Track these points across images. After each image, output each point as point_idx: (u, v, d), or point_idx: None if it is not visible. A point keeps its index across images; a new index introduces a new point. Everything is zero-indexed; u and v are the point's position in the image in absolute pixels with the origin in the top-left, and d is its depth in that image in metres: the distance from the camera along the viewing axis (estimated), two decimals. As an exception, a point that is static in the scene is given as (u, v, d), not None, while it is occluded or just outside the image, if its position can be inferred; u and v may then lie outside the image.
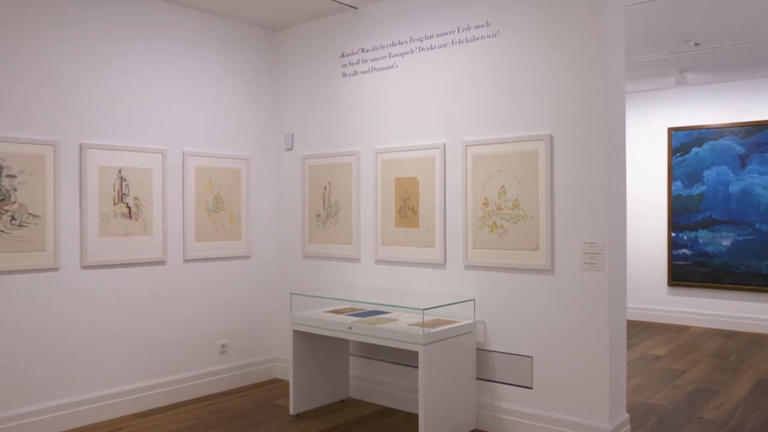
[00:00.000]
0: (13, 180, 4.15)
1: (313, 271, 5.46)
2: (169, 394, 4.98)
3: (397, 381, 4.87)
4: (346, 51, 5.21)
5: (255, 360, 5.62)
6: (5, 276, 4.14)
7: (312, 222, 5.45)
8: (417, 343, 3.93)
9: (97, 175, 4.55)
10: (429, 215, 4.66)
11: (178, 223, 5.04)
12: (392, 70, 4.91)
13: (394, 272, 4.89)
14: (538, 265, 4.11)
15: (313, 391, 4.82)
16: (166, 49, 4.98)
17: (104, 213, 4.59)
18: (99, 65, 4.59)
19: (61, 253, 4.39)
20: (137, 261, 4.78)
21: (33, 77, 4.26)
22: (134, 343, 4.79)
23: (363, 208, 5.08)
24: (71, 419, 4.42)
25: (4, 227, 4.11)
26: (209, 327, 5.28)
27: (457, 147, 4.52)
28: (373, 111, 5.03)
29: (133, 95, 4.78)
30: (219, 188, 5.30)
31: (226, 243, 5.36)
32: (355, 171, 5.12)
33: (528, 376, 4.18)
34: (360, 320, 4.37)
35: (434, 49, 4.66)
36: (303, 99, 5.55)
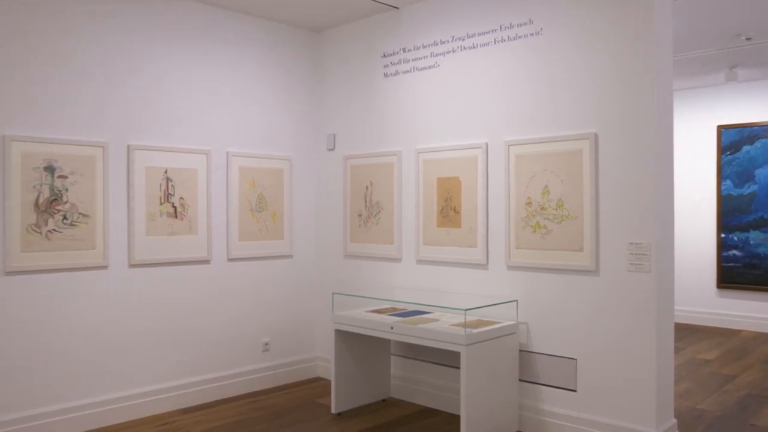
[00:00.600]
0: (65, 180, 4.27)
1: (354, 271, 5.48)
2: (214, 391, 5.06)
3: (438, 381, 4.86)
4: (388, 51, 5.22)
5: (297, 359, 5.67)
6: (58, 273, 4.26)
7: (353, 222, 5.47)
8: (459, 344, 3.91)
9: (144, 175, 4.65)
10: (471, 215, 4.63)
11: (222, 223, 5.12)
12: (434, 70, 4.90)
13: (436, 272, 4.87)
14: (582, 266, 4.04)
15: (355, 390, 4.83)
16: (211, 51, 5.06)
17: (151, 213, 4.69)
18: (145, 68, 4.69)
19: (110, 252, 4.50)
20: (182, 260, 4.87)
21: (84, 81, 4.37)
22: (180, 340, 4.89)
23: (404, 207, 5.08)
24: (122, 413, 4.53)
25: (57, 226, 4.24)
26: (252, 325, 5.35)
27: (499, 146, 4.48)
28: (415, 111, 5.03)
29: (179, 97, 4.87)
30: (262, 188, 5.37)
31: (269, 242, 5.42)
32: (396, 171, 5.12)
33: (572, 378, 4.12)
34: (402, 320, 4.37)
35: (476, 48, 4.63)
36: (345, 99, 5.57)
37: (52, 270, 4.23)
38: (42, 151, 4.17)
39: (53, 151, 4.22)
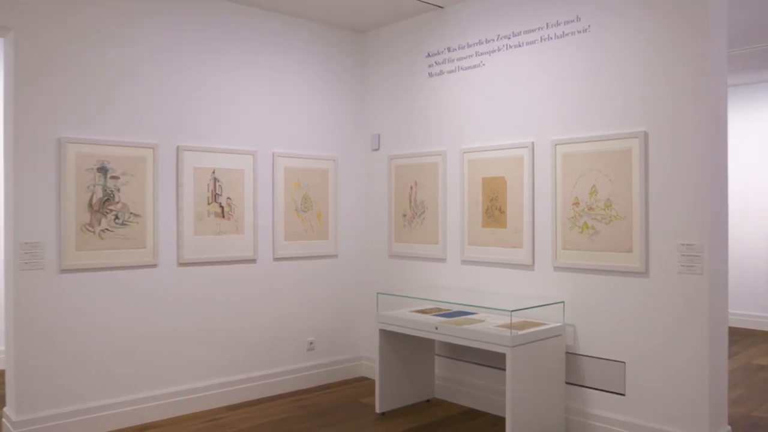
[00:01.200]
0: (117, 181, 4.38)
1: (398, 271, 5.48)
2: (260, 389, 5.13)
3: (483, 382, 4.82)
4: (432, 51, 5.20)
5: (341, 358, 5.70)
6: (110, 271, 4.38)
7: (398, 222, 5.47)
8: (505, 345, 3.87)
9: (192, 175, 4.74)
10: (517, 215, 4.58)
11: (268, 223, 5.18)
12: (479, 69, 4.86)
13: (481, 273, 4.84)
14: (631, 268, 3.96)
15: (399, 390, 4.83)
16: (256, 53, 5.12)
17: (199, 212, 4.77)
18: (193, 70, 4.78)
19: (160, 251, 4.60)
20: (229, 259, 4.94)
21: (134, 84, 4.48)
22: (227, 338, 4.97)
23: (449, 207, 5.06)
24: (169, 409, 4.63)
25: (109, 226, 4.35)
26: (297, 324, 5.40)
27: (546, 146, 4.42)
28: (460, 110, 5.00)
29: (226, 98, 4.95)
30: (307, 188, 5.41)
31: (314, 242, 5.46)
32: (441, 171, 5.10)
33: (620, 382, 4.04)
34: (446, 320, 4.35)
35: (522, 46, 4.58)
36: (389, 99, 5.58)
37: (104, 268, 4.35)
38: (95, 152, 4.29)
39: (106, 153, 4.33)
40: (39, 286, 4.10)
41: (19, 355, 4.05)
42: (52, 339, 4.15)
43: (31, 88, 4.07)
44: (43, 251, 4.10)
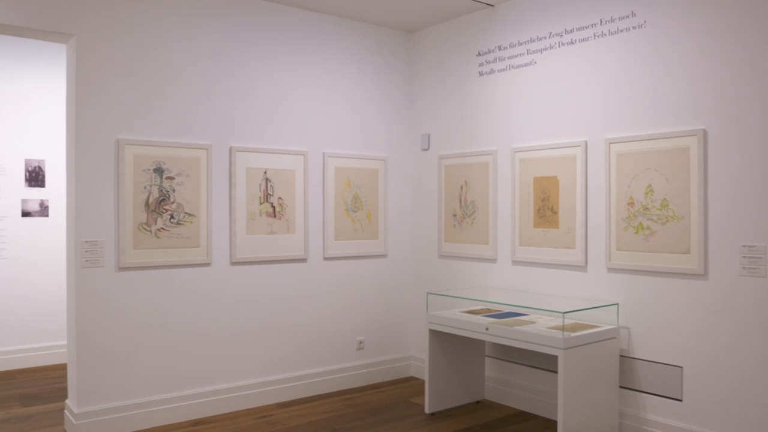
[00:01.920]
0: (172, 182, 4.49)
1: (448, 271, 5.46)
2: (309, 387, 5.18)
3: (534, 385, 4.76)
4: (483, 49, 5.16)
5: (390, 357, 5.70)
6: (165, 270, 4.49)
7: (448, 222, 5.44)
8: (557, 347, 3.81)
9: (244, 176, 4.82)
10: (569, 215, 4.51)
11: (319, 222, 5.23)
12: (530, 67, 4.80)
13: (532, 273, 4.78)
14: (689, 270, 3.84)
15: (448, 390, 4.81)
16: (308, 54, 5.18)
17: (251, 212, 4.85)
18: (246, 72, 4.86)
19: (213, 250, 4.69)
20: (280, 258, 5.01)
21: (189, 86, 4.58)
22: (278, 336, 5.03)
23: (500, 207, 5.01)
24: (221, 405, 4.72)
25: (165, 225, 4.46)
26: (347, 323, 5.43)
27: (599, 144, 4.34)
28: (511, 109, 4.95)
29: (277, 99, 5.02)
30: (357, 188, 5.44)
31: (364, 242, 5.49)
32: (492, 170, 5.06)
33: (677, 387, 3.93)
34: (497, 321, 4.31)
35: (575, 43, 4.50)
36: (439, 99, 5.56)
37: (160, 266, 4.46)
38: (152, 153, 4.40)
39: (162, 154, 4.44)
40: (99, 284, 4.23)
41: (80, 349, 4.19)
42: (111, 335, 4.28)
43: (91, 92, 4.21)
44: (102, 250, 4.23)
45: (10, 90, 6.08)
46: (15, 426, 4.47)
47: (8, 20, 3.93)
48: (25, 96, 6.16)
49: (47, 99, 6.23)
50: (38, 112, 6.22)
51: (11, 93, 6.09)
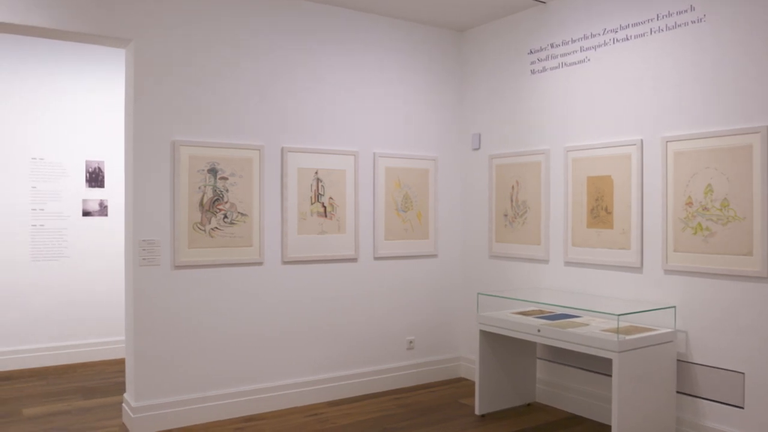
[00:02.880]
0: (226, 182, 4.57)
1: (499, 271, 5.41)
2: (359, 386, 5.20)
3: (586, 388, 4.67)
4: (535, 47, 5.09)
5: (440, 358, 5.68)
6: (219, 268, 4.57)
7: (499, 222, 5.39)
8: (611, 350, 3.73)
9: (296, 176, 4.87)
10: (624, 215, 4.41)
11: (369, 222, 5.24)
12: (584, 65, 4.71)
13: (585, 275, 4.69)
14: (751, 272, 3.71)
15: (499, 392, 4.76)
16: (357, 54, 5.20)
17: (302, 212, 4.90)
18: (297, 73, 4.91)
19: (265, 249, 4.76)
20: (331, 258, 5.04)
21: (242, 88, 4.66)
22: (329, 335, 5.07)
23: (552, 207, 4.93)
24: (272, 402, 4.78)
25: (218, 224, 4.55)
26: (397, 323, 5.43)
27: (655, 143, 4.23)
28: (563, 108, 4.86)
29: (328, 100, 5.05)
30: (407, 188, 5.44)
31: (414, 242, 5.48)
32: (544, 170, 4.99)
33: (738, 394, 3.79)
34: (549, 323, 4.24)
35: (630, 39, 4.40)
36: (490, 98, 5.51)
37: (213, 265, 4.55)
38: (206, 154, 4.49)
39: (216, 155, 4.53)
40: (155, 282, 4.34)
41: (137, 345, 4.31)
42: (167, 331, 4.39)
43: (148, 95, 4.32)
44: (159, 248, 4.34)
45: (71, 94, 6.30)
46: (76, 418, 4.62)
47: (70, 27, 4.07)
48: (86, 99, 6.37)
49: (106, 102, 6.43)
50: (98, 115, 6.42)
51: (72, 97, 6.30)
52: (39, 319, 6.14)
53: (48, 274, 6.18)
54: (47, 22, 4.00)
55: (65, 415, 4.68)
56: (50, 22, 4.01)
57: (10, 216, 6.02)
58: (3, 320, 5.98)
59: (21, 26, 3.97)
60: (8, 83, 6.02)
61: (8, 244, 6.01)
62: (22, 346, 6.06)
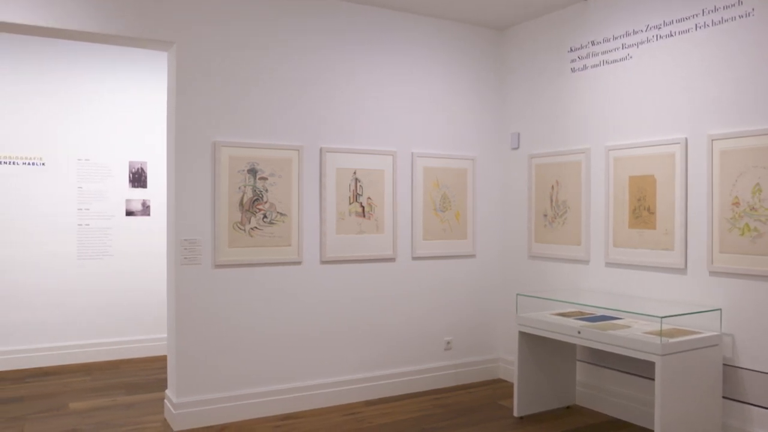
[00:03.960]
0: (265, 182, 4.62)
1: (538, 272, 5.35)
2: (397, 386, 5.20)
3: (628, 391, 4.58)
4: (575, 45, 5.02)
5: (478, 359, 5.64)
6: (258, 268, 4.62)
7: (538, 222, 5.33)
8: (654, 353, 3.65)
9: (334, 176, 4.90)
10: (667, 216, 4.31)
11: (407, 222, 5.24)
12: (625, 62, 4.63)
13: (627, 276, 4.60)
14: (801, 274, 3.59)
15: (538, 394, 4.71)
16: (396, 54, 5.20)
17: (341, 212, 4.92)
18: (335, 74, 4.93)
19: (304, 249, 4.79)
20: (369, 257, 5.05)
21: (281, 89, 4.70)
22: (367, 334, 5.08)
23: (593, 207, 4.86)
24: (311, 400, 4.82)
25: (258, 224, 4.60)
26: (435, 324, 5.41)
27: (701, 141, 4.13)
28: (604, 106, 4.79)
29: (366, 100, 5.06)
30: (446, 188, 5.41)
31: (452, 242, 5.46)
32: (584, 169, 4.91)
33: (788, 399, 3.68)
34: (590, 325, 4.18)
35: (674, 36, 4.30)
36: (529, 97, 5.45)
37: (253, 264, 4.60)
38: (246, 155, 4.54)
39: (255, 155, 4.58)
40: (196, 280, 4.41)
41: (179, 343, 4.38)
42: (207, 329, 4.46)
43: (189, 96, 4.39)
44: (200, 248, 4.41)
45: (115, 96, 6.44)
46: (120, 413, 4.73)
47: (116, 31, 4.16)
48: (129, 102, 6.50)
49: (149, 104, 6.56)
50: (141, 117, 6.55)
51: (116, 99, 6.45)
52: (84, 316, 6.30)
53: (93, 272, 6.34)
54: (93, 26, 4.10)
55: (109, 410, 4.79)
56: (96, 26, 4.11)
57: (58, 216, 6.19)
58: (51, 317, 6.15)
59: (68, 31, 4.08)
60: (57, 87, 6.19)
61: (56, 243, 6.18)
62: (68, 342, 6.23)
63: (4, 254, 5.98)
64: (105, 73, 6.39)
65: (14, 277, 6.02)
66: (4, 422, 4.52)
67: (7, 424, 4.48)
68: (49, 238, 6.15)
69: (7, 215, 6.00)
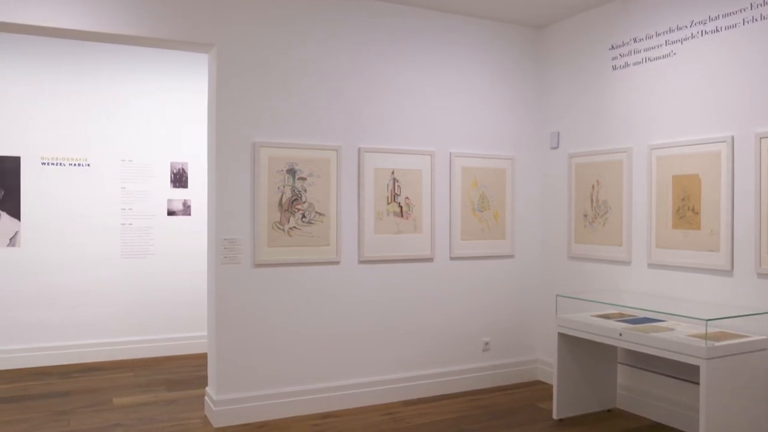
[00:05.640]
0: (304, 182, 4.65)
1: (578, 273, 5.27)
2: (435, 386, 5.18)
3: (670, 395, 4.49)
4: (616, 42, 4.94)
5: (517, 360, 5.59)
6: (297, 267, 4.66)
7: (578, 222, 5.26)
8: (699, 357, 3.57)
9: (372, 176, 4.90)
10: (713, 216, 4.21)
11: (445, 222, 5.22)
12: (669, 59, 4.54)
13: (670, 277, 4.51)
14: None
15: (578, 397, 4.65)
16: (434, 54, 5.18)
17: (378, 212, 4.93)
18: (373, 74, 4.94)
19: (342, 248, 4.81)
20: (407, 257, 5.05)
21: (319, 90, 4.73)
22: (404, 334, 5.08)
23: (635, 207, 4.77)
24: (349, 400, 4.83)
25: (297, 224, 4.63)
26: (473, 324, 5.38)
27: (748, 139, 4.02)
28: (647, 104, 4.69)
29: (405, 100, 5.06)
30: (484, 188, 5.38)
31: (491, 242, 5.42)
32: (626, 169, 4.83)
33: (840, 405, 3.56)
34: (632, 327, 4.11)
35: (720, 31, 4.20)
36: (569, 96, 5.38)
37: (292, 264, 4.64)
38: (285, 155, 4.58)
39: (294, 155, 4.62)
40: (236, 279, 4.47)
41: (219, 341, 4.44)
42: (247, 328, 4.51)
43: (230, 98, 4.45)
44: (240, 247, 4.46)
45: (156, 99, 6.56)
46: (162, 409, 4.81)
47: (156, 34, 4.24)
48: (170, 103, 6.62)
49: (190, 105, 6.66)
50: (181, 119, 6.66)
51: (158, 101, 6.57)
52: (128, 313, 6.43)
53: (135, 270, 6.47)
54: (136, 30, 4.18)
55: (152, 406, 4.88)
56: (139, 30, 4.19)
57: (103, 215, 6.33)
58: (96, 314, 6.30)
59: (110, 35, 4.17)
60: (100, 89, 6.33)
61: (101, 242, 6.32)
62: (112, 339, 6.37)
63: (52, 253, 6.15)
64: (147, 75, 6.52)
65: (61, 276, 6.18)
66: (51, 416, 4.65)
67: (54, 418, 4.60)
68: (94, 237, 6.30)
69: (54, 215, 6.16)
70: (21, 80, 6.06)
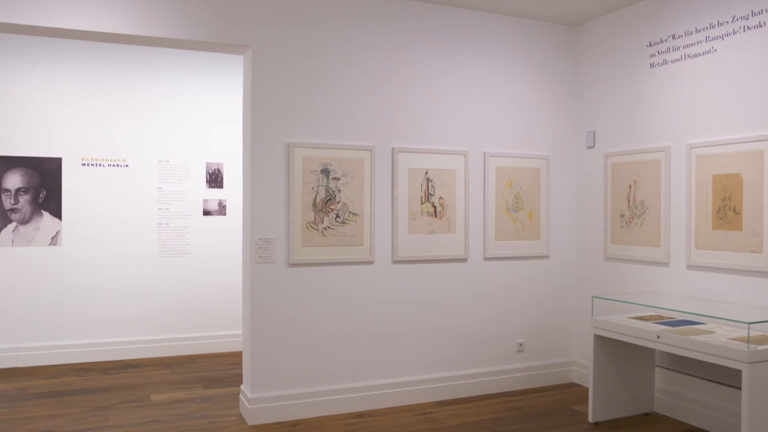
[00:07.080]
0: (338, 182, 4.67)
1: (615, 274, 5.20)
2: (469, 387, 5.16)
3: (710, 400, 4.40)
4: (654, 39, 4.85)
5: (551, 362, 5.54)
6: (331, 267, 4.68)
7: (615, 222, 5.18)
8: (741, 361, 3.49)
9: (406, 176, 4.90)
10: (755, 216, 4.11)
11: (479, 222, 5.19)
12: (709, 56, 4.44)
13: (710, 279, 4.41)
14: None
15: (614, 400, 4.58)
16: (467, 53, 5.16)
17: (412, 212, 4.92)
18: (406, 74, 4.94)
19: (376, 248, 4.82)
20: (441, 258, 5.04)
21: (353, 90, 4.75)
22: (438, 334, 5.06)
23: (673, 208, 4.68)
24: (383, 399, 4.84)
25: (330, 224, 4.65)
26: (507, 325, 5.34)
27: (792, 138, 3.92)
28: (686, 102, 4.60)
29: (438, 100, 5.05)
30: (518, 188, 5.33)
31: (525, 242, 5.37)
32: (664, 168, 4.74)
33: None
34: (670, 329, 4.03)
35: (763, 26, 4.09)
36: (605, 94, 5.31)
37: (326, 263, 4.66)
38: (319, 155, 4.61)
39: (328, 156, 4.64)
40: (271, 279, 4.51)
41: (254, 339, 4.49)
42: (282, 327, 4.54)
43: (265, 99, 4.49)
44: (274, 246, 4.50)
45: (192, 100, 6.66)
46: (198, 406, 4.88)
47: (192, 36, 4.30)
48: (206, 104, 6.71)
49: (225, 107, 6.75)
50: (216, 119, 6.75)
51: (194, 103, 6.66)
52: (164, 311, 6.54)
53: (172, 269, 6.57)
54: (173, 33, 4.25)
55: (188, 403, 4.95)
56: (176, 33, 4.25)
57: (140, 215, 6.45)
58: (133, 312, 6.42)
59: (148, 38, 4.24)
60: (139, 92, 6.45)
61: (138, 241, 6.44)
62: (149, 336, 6.48)
63: (91, 252, 6.28)
64: (182, 76, 6.62)
65: (100, 274, 6.31)
66: (91, 411, 4.75)
67: (94, 413, 4.70)
68: (132, 237, 6.42)
69: (93, 215, 6.29)
70: (62, 84, 6.20)
